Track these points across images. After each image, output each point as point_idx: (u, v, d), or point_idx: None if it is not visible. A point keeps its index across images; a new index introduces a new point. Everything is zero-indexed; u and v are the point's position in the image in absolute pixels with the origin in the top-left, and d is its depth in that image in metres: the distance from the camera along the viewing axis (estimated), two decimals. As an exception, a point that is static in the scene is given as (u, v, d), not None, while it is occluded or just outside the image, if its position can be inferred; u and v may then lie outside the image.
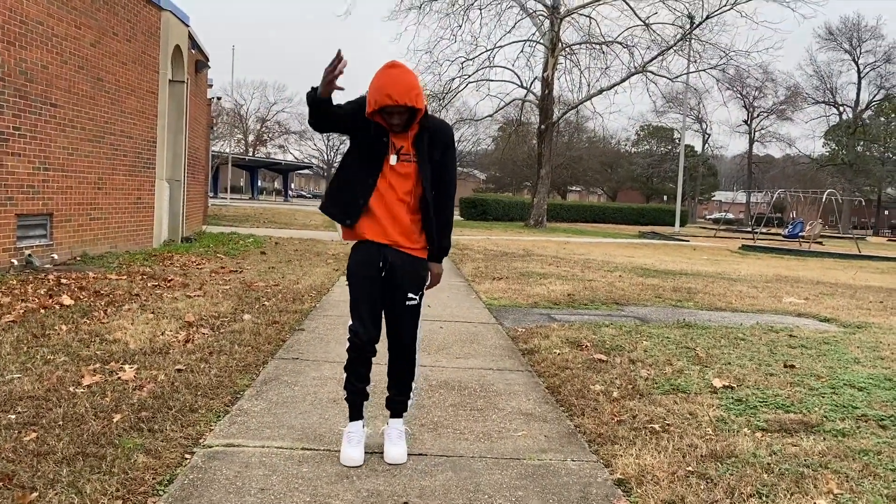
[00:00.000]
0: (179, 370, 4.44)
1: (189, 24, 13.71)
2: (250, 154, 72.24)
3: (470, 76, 31.38)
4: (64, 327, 5.42)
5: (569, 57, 31.36)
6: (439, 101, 31.23)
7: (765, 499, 2.96)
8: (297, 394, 4.20)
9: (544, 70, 30.88)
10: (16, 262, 8.38)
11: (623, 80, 30.71)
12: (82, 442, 3.21)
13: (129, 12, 11.04)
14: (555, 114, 32.92)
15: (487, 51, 31.49)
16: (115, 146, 10.82)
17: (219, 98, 27.75)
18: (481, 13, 32.42)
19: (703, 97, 50.22)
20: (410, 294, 3.26)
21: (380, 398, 3.55)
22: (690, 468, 3.24)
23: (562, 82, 32.90)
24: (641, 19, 29.44)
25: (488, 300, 8.26)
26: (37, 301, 6.37)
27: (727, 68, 32.55)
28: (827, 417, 4.05)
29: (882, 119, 62.99)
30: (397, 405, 3.40)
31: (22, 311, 5.89)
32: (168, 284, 7.84)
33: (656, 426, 3.81)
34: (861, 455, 3.47)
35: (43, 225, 9.17)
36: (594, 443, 3.61)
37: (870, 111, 63.70)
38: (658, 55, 30.11)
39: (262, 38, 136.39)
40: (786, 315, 8.21)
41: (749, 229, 41.84)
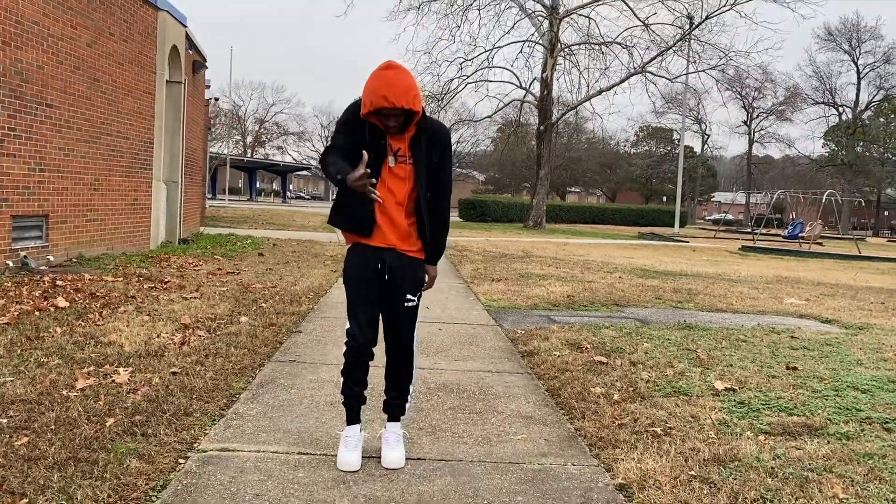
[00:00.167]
0: (174, 373, 4.39)
1: (186, 24, 13.66)
2: (249, 155, 72.19)
3: (469, 77, 31.34)
4: (58, 329, 5.36)
5: (568, 57, 31.33)
6: (438, 101, 31.20)
7: (769, 504, 2.91)
8: (293, 397, 4.15)
9: (543, 71, 30.84)
10: (11, 264, 8.32)
11: (622, 81, 30.69)
12: (74, 446, 3.15)
13: (126, 12, 10.99)
14: (554, 114, 32.89)
15: (486, 51, 31.48)
16: (111, 147, 10.77)
17: (216, 99, 27.70)
18: (480, 14, 32.41)
19: (703, 98, 50.21)
20: (409, 295, 3.21)
21: (377, 401, 3.50)
22: (693, 472, 3.19)
23: (561, 83, 32.97)
24: (640, 20, 29.43)
25: (487, 302, 8.21)
26: (31, 303, 6.31)
27: (727, 69, 32.58)
28: (831, 420, 4.00)
29: (881, 119, 63.02)
30: (395, 409, 3.34)
31: (16, 314, 5.83)
32: (164, 286, 7.79)
33: (658, 429, 3.76)
34: (866, 459, 3.42)
35: (38, 226, 9.11)
36: (595, 446, 3.56)
37: (869, 112, 63.75)
38: (657, 56, 30.09)
39: (261, 39, 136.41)
40: (787, 316, 8.16)
41: (749, 230, 41.82)
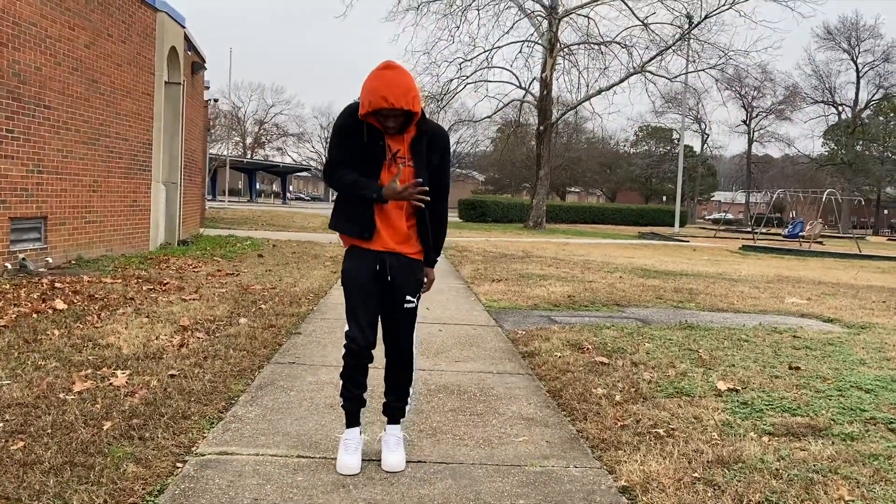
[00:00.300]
0: (173, 375, 4.35)
1: (185, 25, 13.63)
2: (248, 156, 72.17)
3: (468, 77, 31.32)
4: (56, 332, 5.32)
5: (567, 57, 31.30)
6: (437, 102, 31.17)
7: (774, 506, 2.87)
8: (292, 399, 4.11)
9: (543, 71, 30.81)
10: (9, 266, 8.29)
11: (622, 81, 30.65)
12: (71, 451, 3.12)
13: (124, 13, 10.96)
14: (553, 114, 32.85)
15: (485, 51, 31.44)
16: (110, 148, 10.73)
17: (216, 100, 27.67)
18: (479, 14, 32.45)
19: (702, 97, 50.21)
20: (409, 297, 3.18)
21: (377, 403, 3.46)
22: (697, 474, 3.15)
23: (560, 83, 32.94)
24: (640, 19, 29.41)
25: (488, 302, 8.17)
26: (29, 306, 6.27)
27: (726, 68, 32.57)
28: (835, 421, 3.96)
29: (881, 118, 62.96)
30: (395, 411, 3.31)
31: (14, 316, 5.80)
32: (163, 288, 7.75)
33: (661, 431, 3.72)
34: (871, 460, 3.38)
35: (37, 228, 9.08)
36: (597, 448, 3.52)
37: (869, 110, 63.69)
38: (657, 55, 30.06)
39: (260, 40, 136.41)
40: (788, 316, 8.12)
41: (749, 229, 41.79)
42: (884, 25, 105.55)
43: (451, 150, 3.33)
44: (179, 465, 3.08)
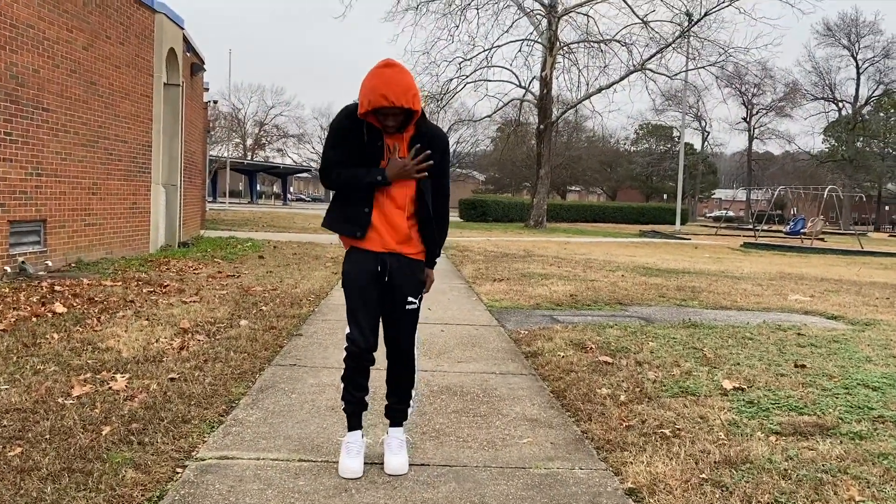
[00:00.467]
0: (172, 379, 4.31)
1: (184, 26, 13.58)
2: (249, 158, 72.13)
3: (468, 77, 31.25)
4: (55, 336, 5.28)
5: (567, 56, 31.24)
6: (437, 102, 31.12)
7: (784, 508, 2.83)
8: (294, 402, 4.07)
9: (542, 69, 30.75)
10: (9, 270, 8.25)
11: (622, 79, 30.58)
12: (69, 457, 3.08)
13: (122, 15, 10.91)
14: (553, 113, 32.79)
15: (485, 51, 31.36)
16: (109, 151, 10.69)
17: (215, 102, 27.63)
18: (478, 13, 32.34)
19: (703, 94, 50.26)
20: (410, 298, 3.14)
21: (379, 405, 3.42)
22: (704, 476, 3.11)
23: (560, 81, 32.89)
24: (639, 17, 29.33)
25: (489, 302, 8.13)
26: (29, 309, 6.23)
27: (726, 65, 32.47)
28: (842, 419, 3.92)
29: (881, 114, 62.82)
30: (397, 414, 3.26)
31: (13, 320, 5.76)
32: (164, 290, 7.71)
33: (667, 431, 3.68)
34: (881, 459, 3.34)
35: (36, 231, 9.04)
36: (602, 449, 3.48)
37: (869, 107, 63.53)
38: (657, 53, 29.98)
39: (260, 41, 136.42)
40: (792, 313, 8.07)
41: (750, 227, 41.71)
42: (884, 21, 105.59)
43: (452, 150, 3.27)
44: (179, 470, 3.04)
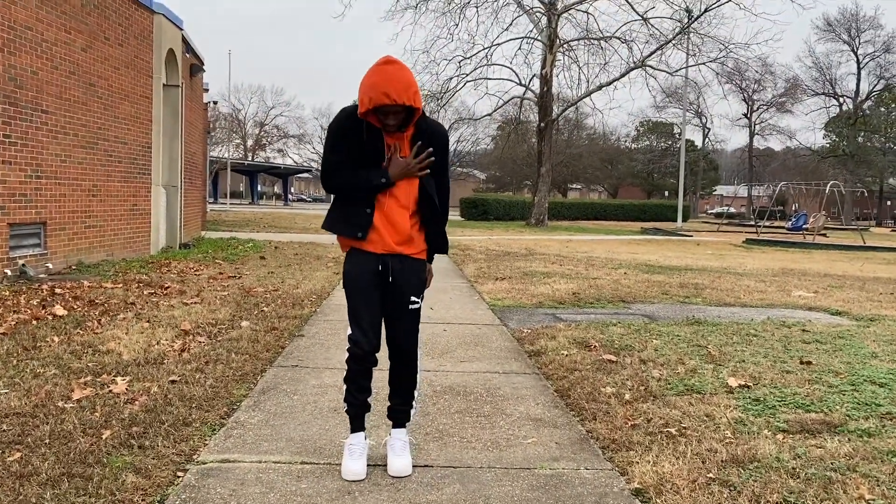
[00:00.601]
0: (173, 381, 4.27)
1: (183, 27, 13.55)
2: (249, 159, 72.11)
3: (468, 75, 31.22)
4: (56, 339, 5.25)
5: (567, 53, 31.20)
6: (437, 101, 31.07)
7: (793, 507, 2.79)
8: (296, 403, 4.03)
9: (542, 67, 30.70)
10: (9, 273, 8.22)
11: (622, 76, 30.56)
12: (68, 461, 3.04)
13: (121, 16, 10.88)
14: (554, 111, 32.75)
15: (485, 49, 31.34)
16: (109, 152, 10.66)
17: (215, 102, 27.62)
18: (478, 11, 32.18)
19: (703, 91, 49.90)
20: (413, 297, 3.10)
21: (381, 406, 3.38)
22: (711, 475, 3.07)
23: (560, 79, 32.85)
24: (639, 14, 29.26)
25: (492, 301, 8.09)
26: (29, 312, 6.20)
27: (726, 61, 32.44)
28: (850, 416, 3.88)
29: (882, 109, 62.70)
30: (400, 415, 3.23)
31: (13, 323, 5.72)
32: (164, 292, 7.68)
33: (672, 430, 3.64)
34: (890, 457, 3.29)
35: (36, 234, 9.01)
36: (608, 449, 3.44)
37: (870, 101, 63.43)
38: (657, 49, 29.95)
39: (259, 41, 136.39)
40: (796, 309, 8.03)
41: (752, 223, 41.62)
42: (884, 16, 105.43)
43: (452, 149, 3.23)
44: (180, 474, 3.00)
